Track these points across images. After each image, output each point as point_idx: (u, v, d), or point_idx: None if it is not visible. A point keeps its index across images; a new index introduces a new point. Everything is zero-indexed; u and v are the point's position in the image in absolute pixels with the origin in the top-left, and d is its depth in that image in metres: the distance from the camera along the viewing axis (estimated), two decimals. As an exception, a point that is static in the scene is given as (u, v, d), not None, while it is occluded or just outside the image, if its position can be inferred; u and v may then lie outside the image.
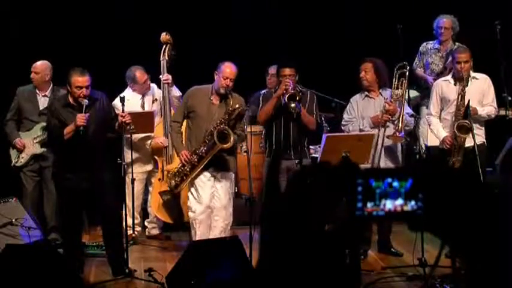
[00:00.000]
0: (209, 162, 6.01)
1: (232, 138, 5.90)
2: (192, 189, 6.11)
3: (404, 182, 2.01)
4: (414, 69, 7.54)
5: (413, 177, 2.01)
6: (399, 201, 2.01)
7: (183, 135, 6.20)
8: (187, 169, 6.05)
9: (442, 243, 2.04)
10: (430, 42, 7.56)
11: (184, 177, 6.11)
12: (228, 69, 5.98)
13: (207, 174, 6.06)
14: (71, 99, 5.72)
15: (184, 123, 6.26)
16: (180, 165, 6.11)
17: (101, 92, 5.90)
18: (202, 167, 6.01)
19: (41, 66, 6.77)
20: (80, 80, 5.60)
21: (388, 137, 6.09)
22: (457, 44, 7.43)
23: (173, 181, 6.20)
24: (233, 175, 6.33)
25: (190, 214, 6.13)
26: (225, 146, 5.90)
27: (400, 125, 6.04)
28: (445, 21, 7.41)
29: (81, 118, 5.55)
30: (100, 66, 6.08)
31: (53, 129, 5.76)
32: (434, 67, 7.50)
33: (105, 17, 8.17)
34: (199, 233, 6.05)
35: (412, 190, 2.00)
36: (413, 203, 2.00)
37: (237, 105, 5.97)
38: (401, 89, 6.18)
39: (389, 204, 2.01)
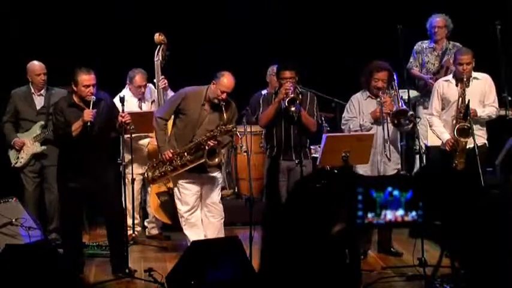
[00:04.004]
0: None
1: (219, 157, 5.93)
2: (176, 190, 6.13)
3: (405, 193, 1.98)
4: (410, 68, 7.57)
5: (413, 187, 1.99)
6: (400, 212, 1.98)
7: (167, 132, 6.13)
8: (169, 169, 6.01)
9: (443, 248, 2.04)
10: (425, 41, 7.60)
11: (163, 174, 6.08)
12: (226, 82, 5.83)
13: (194, 175, 6.04)
14: (75, 99, 5.73)
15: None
16: (160, 161, 6.06)
17: (104, 92, 5.91)
18: (182, 171, 5.97)
19: (42, 65, 6.75)
20: (87, 78, 5.63)
21: (389, 114, 6.01)
22: (451, 42, 7.44)
23: (150, 173, 6.13)
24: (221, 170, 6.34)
25: (178, 213, 6.15)
26: (210, 163, 5.90)
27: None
28: (438, 20, 7.44)
29: (88, 113, 5.60)
30: (100, 66, 6.07)
31: (59, 128, 5.76)
32: (430, 66, 7.53)
33: (105, 17, 8.17)
34: (188, 232, 6.09)
35: (413, 200, 1.97)
36: (414, 213, 1.97)
37: (231, 126, 5.91)
38: (393, 89, 6.16)
39: (389, 215, 1.98)
